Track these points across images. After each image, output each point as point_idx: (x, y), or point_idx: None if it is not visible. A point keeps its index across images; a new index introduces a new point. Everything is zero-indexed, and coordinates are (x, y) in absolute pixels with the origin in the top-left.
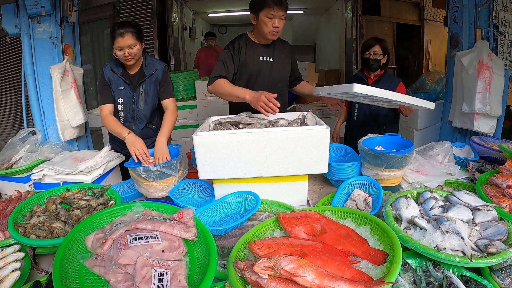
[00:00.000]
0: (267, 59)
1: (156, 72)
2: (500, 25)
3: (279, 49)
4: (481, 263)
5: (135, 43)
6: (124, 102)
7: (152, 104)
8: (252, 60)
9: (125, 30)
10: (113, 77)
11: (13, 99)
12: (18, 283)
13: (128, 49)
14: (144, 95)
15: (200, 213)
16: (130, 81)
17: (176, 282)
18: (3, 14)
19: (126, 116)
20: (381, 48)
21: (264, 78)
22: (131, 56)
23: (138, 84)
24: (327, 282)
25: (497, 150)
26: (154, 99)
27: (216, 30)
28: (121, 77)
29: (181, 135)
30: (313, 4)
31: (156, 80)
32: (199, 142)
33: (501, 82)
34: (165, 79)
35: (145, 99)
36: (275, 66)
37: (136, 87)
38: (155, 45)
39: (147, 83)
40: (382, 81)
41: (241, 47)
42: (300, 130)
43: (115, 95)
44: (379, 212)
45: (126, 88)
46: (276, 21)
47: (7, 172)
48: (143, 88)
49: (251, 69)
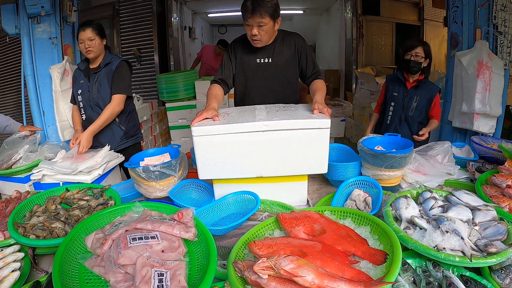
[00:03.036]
0: (264, 60)
1: (110, 64)
2: (499, 25)
3: (281, 48)
4: (480, 263)
5: (93, 37)
6: (82, 92)
7: (105, 93)
8: (248, 62)
9: (86, 25)
10: (77, 73)
11: (13, 99)
12: (18, 283)
13: (88, 41)
14: (97, 84)
15: (200, 213)
16: (88, 74)
17: (176, 282)
18: (3, 14)
19: (84, 105)
20: (423, 50)
21: (260, 82)
22: (91, 48)
23: (93, 73)
24: (327, 282)
25: (496, 150)
26: (106, 89)
27: (216, 30)
28: (82, 72)
29: (181, 135)
30: (312, 4)
31: (110, 72)
32: (199, 142)
33: (501, 82)
34: (118, 73)
35: (97, 87)
36: (274, 68)
37: (91, 77)
38: (155, 45)
39: (101, 74)
40: (421, 87)
41: (238, 49)
42: (300, 130)
43: (76, 88)
44: (379, 212)
45: (85, 80)
46: (254, 29)
47: (7, 172)
48: (97, 78)
49: (246, 71)
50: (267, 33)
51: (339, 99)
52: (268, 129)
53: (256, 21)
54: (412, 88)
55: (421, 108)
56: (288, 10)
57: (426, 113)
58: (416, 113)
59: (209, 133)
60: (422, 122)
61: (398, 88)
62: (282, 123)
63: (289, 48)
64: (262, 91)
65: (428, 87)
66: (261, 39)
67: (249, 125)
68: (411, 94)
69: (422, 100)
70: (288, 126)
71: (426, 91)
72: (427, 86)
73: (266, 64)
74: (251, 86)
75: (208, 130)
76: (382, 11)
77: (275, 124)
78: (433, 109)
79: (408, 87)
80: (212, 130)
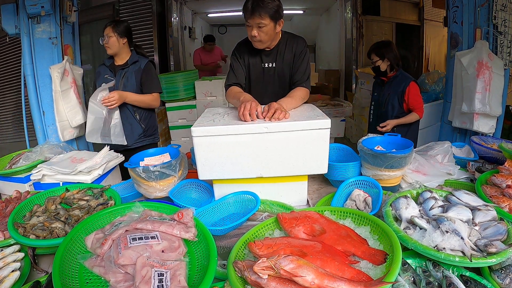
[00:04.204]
0: (269, 65)
1: (138, 63)
2: (499, 25)
3: (284, 52)
4: (480, 263)
5: (111, 34)
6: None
7: (131, 88)
8: (254, 66)
9: (109, 23)
10: (101, 69)
11: (13, 99)
12: (18, 283)
13: (106, 38)
14: (124, 79)
15: (200, 213)
16: (114, 69)
17: (176, 282)
18: (3, 14)
19: None
20: (376, 54)
21: (264, 85)
22: (108, 45)
23: (120, 69)
24: (327, 282)
25: (496, 150)
26: (133, 85)
27: (216, 30)
28: (107, 67)
29: (181, 135)
30: (312, 4)
31: (138, 70)
32: (198, 142)
33: (501, 82)
34: (149, 73)
35: (124, 82)
36: (277, 72)
37: (118, 72)
38: (155, 45)
39: (129, 70)
40: (394, 82)
41: (245, 52)
42: (300, 130)
43: (101, 82)
44: (379, 212)
45: (110, 75)
46: (254, 30)
47: (6, 172)
48: (125, 74)
49: (252, 75)
50: (267, 35)
51: (339, 99)
52: (269, 130)
53: (256, 22)
54: (386, 85)
55: (393, 102)
56: (288, 10)
57: (400, 107)
58: (389, 107)
59: (209, 134)
60: (398, 116)
61: (378, 89)
62: (282, 125)
63: (290, 52)
64: (265, 95)
65: (399, 81)
66: (261, 40)
67: (249, 126)
68: (385, 91)
69: (392, 95)
70: (289, 128)
71: (397, 85)
72: (399, 80)
73: (270, 69)
74: (255, 89)
75: (208, 130)
76: (382, 11)
77: (276, 126)
78: (410, 101)
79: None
80: (212, 131)
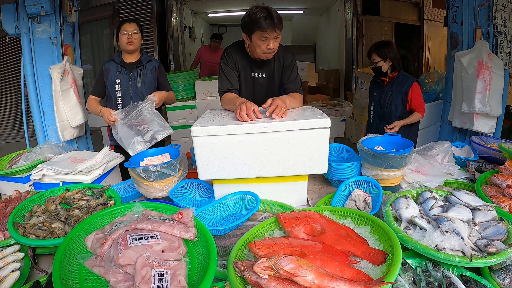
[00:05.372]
0: (259, 75)
1: (152, 62)
2: (499, 25)
3: (274, 64)
4: (480, 263)
5: (137, 31)
6: (121, 82)
7: (149, 84)
8: (245, 75)
9: (132, 20)
10: (111, 66)
11: (13, 99)
12: (18, 283)
13: (131, 33)
14: (142, 75)
15: (200, 213)
16: (126, 66)
17: (176, 282)
18: (3, 14)
19: (123, 95)
20: (377, 55)
21: (252, 95)
22: (133, 40)
23: (135, 67)
24: (327, 282)
25: (496, 150)
26: (152, 83)
27: (216, 30)
28: (119, 64)
29: (181, 135)
30: (312, 4)
31: (154, 69)
32: (198, 142)
33: (501, 82)
34: (162, 72)
35: (143, 79)
36: (266, 82)
37: (133, 69)
38: (155, 45)
39: (146, 68)
40: (396, 83)
41: (237, 58)
42: (300, 130)
43: (113, 78)
44: (379, 212)
45: (123, 71)
46: (271, 43)
47: (6, 172)
48: (141, 70)
49: (242, 83)
50: (278, 46)
51: (339, 99)
52: (268, 130)
53: (275, 34)
54: (387, 85)
55: (396, 103)
56: (288, 10)
57: (403, 107)
58: (392, 108)
59: (208, 134)
60: (402, 116)
61: (377, 89)
62: (282, 125)
63: (279, 63)
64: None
65: (402, 81)
66: (275, 52)
67: (249, 126)
68: (386, 91)
69: (396, 95)
70: (288, 127)
71: (400, 85)
72: (401, 81)
73: (259, 79)
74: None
75: (208, 130)
76: (382, 11)
77: (275, 126)
78: (412, 101)
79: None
80: (212, 131)
